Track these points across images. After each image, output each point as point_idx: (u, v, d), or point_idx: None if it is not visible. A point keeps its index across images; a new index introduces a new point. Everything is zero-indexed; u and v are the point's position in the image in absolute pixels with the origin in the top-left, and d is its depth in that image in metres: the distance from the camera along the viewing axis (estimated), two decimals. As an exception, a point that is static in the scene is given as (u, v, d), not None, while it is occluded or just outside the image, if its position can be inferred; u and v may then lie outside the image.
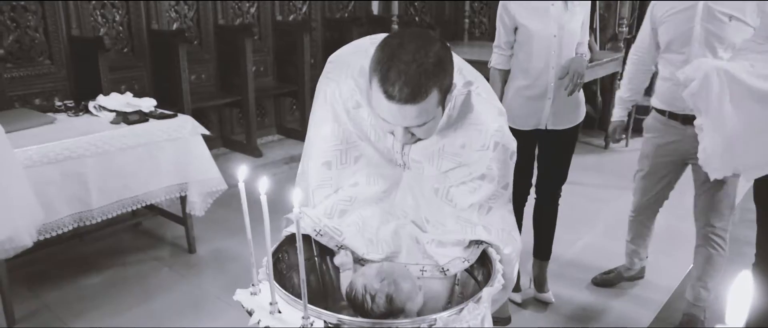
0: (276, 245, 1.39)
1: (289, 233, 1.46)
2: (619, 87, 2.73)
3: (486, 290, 1.21)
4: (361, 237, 1.45)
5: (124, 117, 2.94)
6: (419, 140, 1.33)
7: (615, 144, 2.78)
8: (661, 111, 2.51)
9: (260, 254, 1.19)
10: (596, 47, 5.34)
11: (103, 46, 3.62)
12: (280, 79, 5.14)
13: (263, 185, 1.07)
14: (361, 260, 1.45)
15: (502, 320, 2.61)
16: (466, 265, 1.38)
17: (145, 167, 2.91)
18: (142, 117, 2.98)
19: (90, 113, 3.08)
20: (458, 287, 1.45)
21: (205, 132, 3.15)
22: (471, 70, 1.43)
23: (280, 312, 1.15)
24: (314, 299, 1.21)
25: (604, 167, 4.96)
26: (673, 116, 2.44)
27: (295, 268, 1.43)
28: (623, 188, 4.29)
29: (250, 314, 1.17)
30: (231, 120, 4.91)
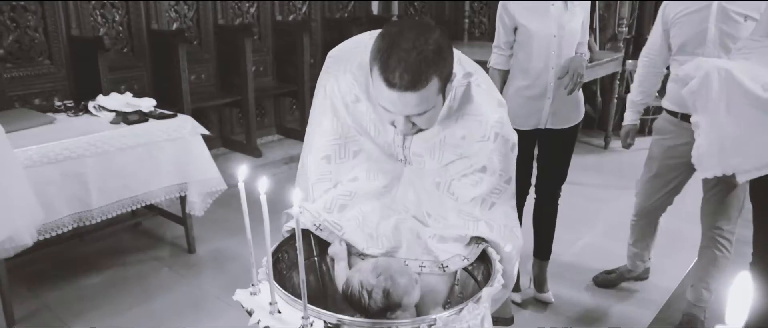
0: (276, 245, 1.39)
1: (289, 229, 1.46)
2: (630, 90, 2.67)
3: (486, 290, 1.21)
4: (361, 232, 1.45)
5: (124, 117, 2.94)
6: (420, 131, 1.33)
7: (626, 148, 2.73)
8: (673, 113, 2.45)
9: (260, 254, 1.19)
10: (596, 47, 5.35)
11: (102, 46, 3.61)
12: (279, 79, 5.14)
13: (263, 184, 1.07)
14: (361, 254, 1.45)
15: (505, 320, 2.61)
16: (466, 263, 1.38)
17: (145, 167, 2.91)
18: (142, 117, 2.98)
19: (90, 113, 3.08)
20: (458, 287, 1.45)
21: (205, 132, 3.15)
22: (470, 62, 1.43)
23: (279, 312, 1.15)
24: (314, 299, 1.21)
25: (604, 166, 4.96)
26: (686, 118, 2.35)
27: (295, 268, 1.43)
28: (623, 187, 4.30)
29: (250, 314, 1.17)
30: (231, 120, 4.91)
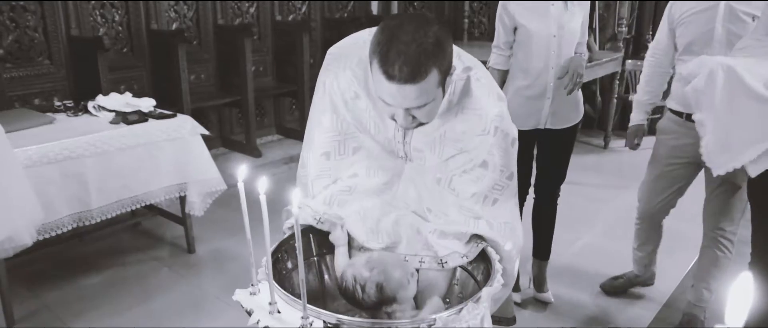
0: (275, 245, 1.39)
1: (290, 226, 1.46)
2: (629, 90, 2.65)
3: (485, 290, 1.21)
4: (362, 225, 1.45)
5: (124, 117, 2.94)
6: (420, 125, 1.33)
7: (633, 149, 2.69)
8: (678, 113, 2.42)
9: (259, 254, 1.19)
10: (595, 47, 5.35)
11: (102, 46, 3.62)
12: (279, 79, 5.14)
13: (262, 185, 1.07)
14: (361, 248, 1.45)
15: (507, 320, 2.60)
16: (465, 261, 1.38)
17: (145, 167, 2.91)
18: (142, 117, 2.98)
19: (89, 113, 3.08)
20: (458, 287, 1.45)
21: (205, 132, 3.15)
22: (470, 57, 1.43)
23: (279, 312, 1.15)
24: (313, 299, 1.21)
25: (603, 166, 4.96)
26: (690, 118, 2.29)
27: (295, 268, 1.43)
28: (622, 187, 4.31)
29: (250, 314, 1.17)
30: (230, 120, 4.91)
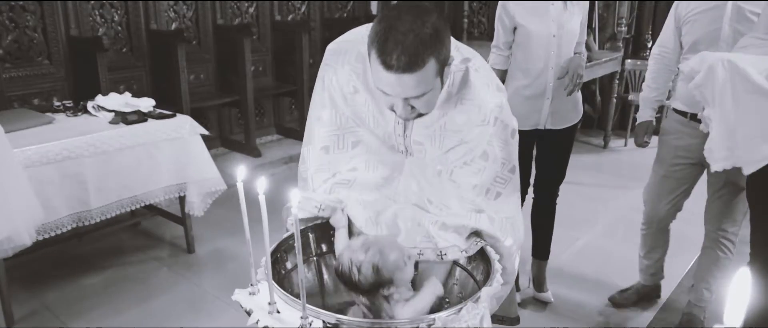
0: (275, 245, 1.39)
1: (292, 222, 1.46)
2: (642, 88, 2.62)
3: (485, 290, 1.21)
4: (363, 210, 1.45)
5: (123, 117, 2.94)
6: (420, 116, 1.34)
7: (642, 147, 2.66)
8: (683, 113, 2.40)
9: (259, 254, 1.19)
10: (595, 47, 5.36)
11: (101, 46, 3.61)
12: (278, 79, 5.14)
13: (262, 184, 1.07)
14: (360, 233, 1.45)
15: (511, 320, 2.58)
16: (464, 255, 1.38)
17: (144, 167, 2.91)
18: (141, 117, 2.98)
19: (89, 113, 3.08)
20: (457, 287, 1.45)
21: (204, 132, 3.15)
22: (468, 49, 1.44)
23: (278, 312, 1.15)
24: (313, 299, 1.21)
25: (603, 166, 4.97)
26: (695, 118, 2.30)
27: (294, 268, 1.43)
28: (622, 187, 4.31)
29: (249, 313, 1.17)
30: (230, 120, 4.91)
